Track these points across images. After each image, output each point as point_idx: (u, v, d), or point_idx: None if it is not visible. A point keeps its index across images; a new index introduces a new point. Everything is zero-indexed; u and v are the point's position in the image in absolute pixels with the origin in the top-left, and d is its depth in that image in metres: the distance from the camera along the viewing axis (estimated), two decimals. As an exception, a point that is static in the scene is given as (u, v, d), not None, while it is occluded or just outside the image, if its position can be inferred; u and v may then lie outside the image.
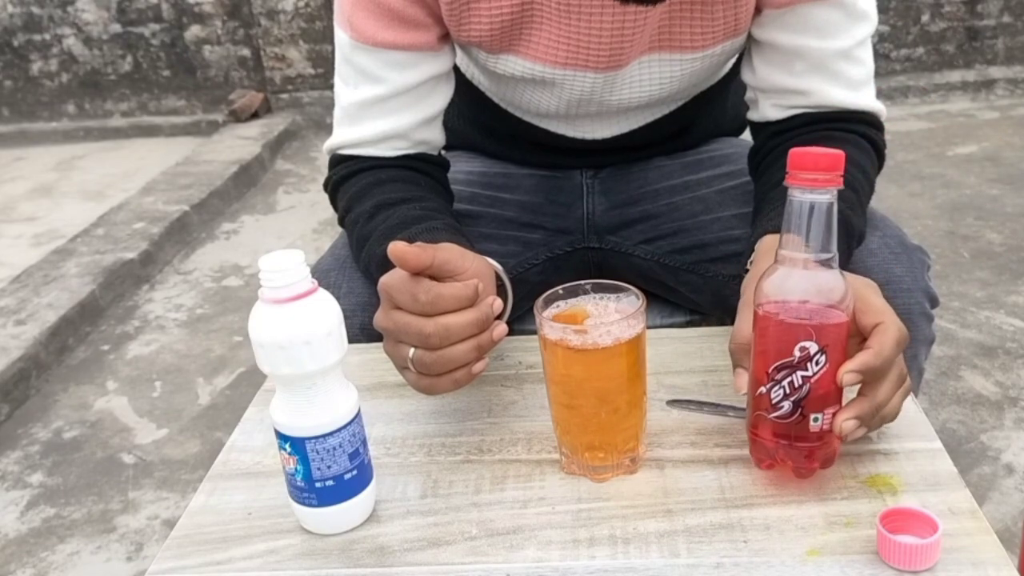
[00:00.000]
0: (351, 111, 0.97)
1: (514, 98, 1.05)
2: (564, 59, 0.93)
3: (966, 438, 1.79)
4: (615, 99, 0.99)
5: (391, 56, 0.92)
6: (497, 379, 0.87)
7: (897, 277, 0.91)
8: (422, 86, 0.95)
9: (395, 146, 0.98)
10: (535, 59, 0.94)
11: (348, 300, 0.95)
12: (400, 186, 0.96)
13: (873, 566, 0.60)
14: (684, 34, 0.92)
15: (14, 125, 4.89)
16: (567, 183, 1.14)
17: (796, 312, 0.64)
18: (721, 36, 0.93)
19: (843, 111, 0.94)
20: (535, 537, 0.66)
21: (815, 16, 0.90)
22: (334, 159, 1.02)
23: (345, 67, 0.96)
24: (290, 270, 0.62)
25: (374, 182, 0.97)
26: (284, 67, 4.66)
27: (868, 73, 0.95)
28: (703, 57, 0.95)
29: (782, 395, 0.65)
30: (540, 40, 0.92)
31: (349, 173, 0.99)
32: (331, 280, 0.97)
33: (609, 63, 0.93)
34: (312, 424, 0.65)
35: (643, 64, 0.95)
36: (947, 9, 4.39)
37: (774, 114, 0.98)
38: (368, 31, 0.91)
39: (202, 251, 3.19)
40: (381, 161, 0.98)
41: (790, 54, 0.93)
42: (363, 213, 0.94)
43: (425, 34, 0.92)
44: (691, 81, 1.00)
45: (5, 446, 2.07)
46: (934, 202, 3.03)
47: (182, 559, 0.68)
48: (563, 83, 0.96)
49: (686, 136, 1.15)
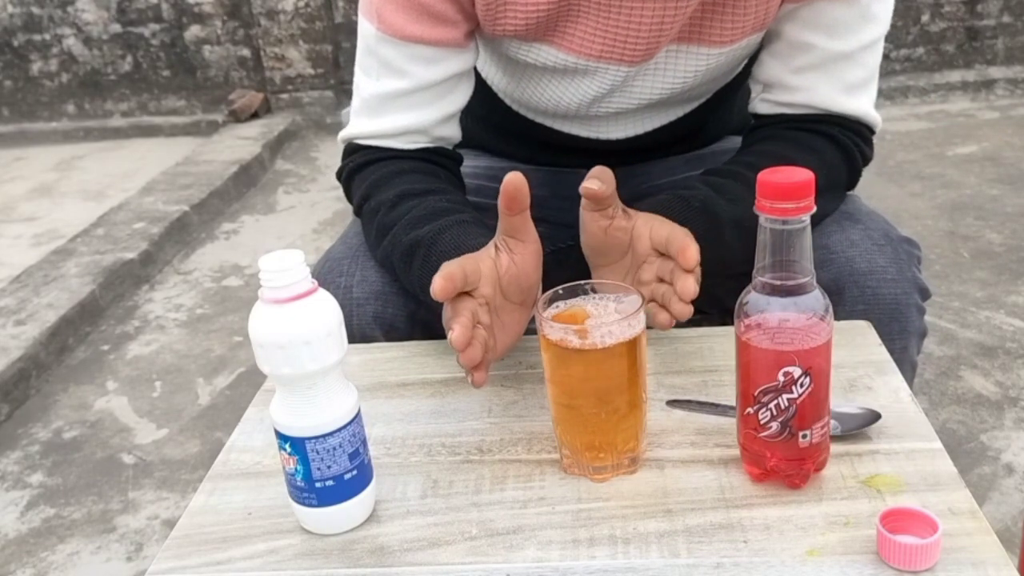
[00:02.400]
0: (372, 103, 0.96)
1: (532, 95, 1.04)
2: (599, 52, 0.92)
3: (966, 438, 1.79)
4: (636, 91, 0.99)
5: (417, 50, 0.92)
6: (497, 379, 0.87)
7: (881, 268, 0.90)
8: (446, 82, 0.95)
9: (414, 140, 0.98)
10: (569, 50, 0.93)
11: (361, 288, 0.94)
12: (422, 177, 0.96)
13: (873, 566, 0.60)
14: (714, 28, 0.92)
15: (14, 125, 4.88)
16: (572, 178, 1.14)
17: (778, 337, 0.64)
18: (749, 29, 0.92)
19: (823, 114, 0.94)
20: (535, 537, 0.66)
21: (829, 13, 0.89)
22: (349, 148, 1.01)
23: (368, 58, 0.95)
24: (290, 270, 0.62)
25: (396, 171, 0.96)
26: (284, 67, 4.66)
27: (868, 77, 0.94)
28: (728, 52, 0.95)
29: (769, 416, 0.65)
30: (576, 32, 0.91)
31: (367, 161, 0.98)
32: (344, 268, 0.96)
33: (644, 56, 0.92)
34: (312, 424, 0.65)
35: (670, 54, 0.94)
36: (947, 9, 4.39)
37: (761, 108, 0.98)
38: (397, 23, 0.90)
39: (202, 251, 3.19)
40: (400, 152, 0.98)
41: (795, 48, 0.92)
42: (385, 201, 0.93)
43: (454, 30, 0.91)
44: (711, 75, 1.00)
45: (5, 446, 2.07)
46: (934, 202, 3.03)
47: (182, 559, 0.67)
48: (594, 75, 0.96)
49: (695, 139, 1.15)
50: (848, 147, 0.94)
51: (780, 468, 0.67)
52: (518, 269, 0.79)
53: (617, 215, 0.84)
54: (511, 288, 0.79)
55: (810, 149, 0.92)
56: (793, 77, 0.94)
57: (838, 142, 0.94)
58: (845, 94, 0.93)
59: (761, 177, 0.62)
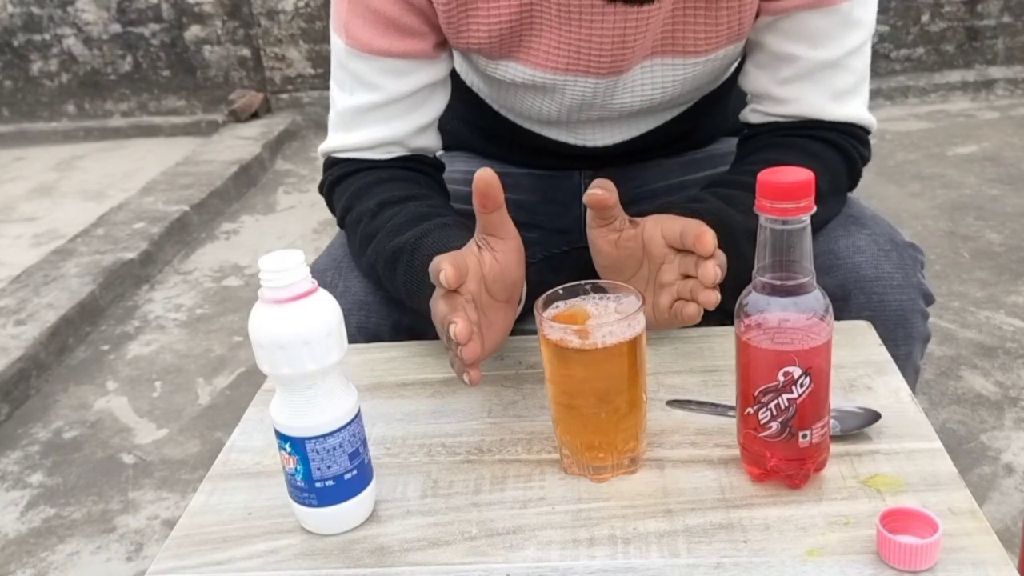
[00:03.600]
0: (346, 117, 0.97)
1: (514, 104, 1.04)
2: (565, 65, 0.92)
3: (966, 438, 1.79)
4: (616, 103, 0.99)
5: (387, 63, 0.92)
6: (497, 379, 0.87)
7: (887, 274, 0.90)
8: (418, 93, 0.95)
9: (390, 151, 0.98)
10: (536, 65, 0.93)
11: (344, 300, 0.94)
12: (401, 184, 0.96)
13: (873, 566, 0.60)
14: (688, 38, 0.92)
15: (14, 125, 4.88)
16: (565, 183, 1.14)
17: (778, 337, 0.64)
18: (724, 40, 0.92)
19: (815, 121, 0.94)
20: (535, 537, 0.66)
21: (809, 23, 0.89)
22: (329, 161, 1.01)
23: (341, 72, 0.95)
24: (290, 270, 0.62)
25: (374, 181, 0.96)
26: (284, 67, 4.66)
27: (857, 81, 0.93)
28: (706, 61, 0.95)
29: (769, 416, 0.65)
30: (540, 47, 0.92)
31: (345, 173, 0.99)
32: (327, 280, 0.97)
33: (611, 68, 0.92)
34: (312, 424, 0.65)
35: (645, 69, 0.95)
36: (947, 9, 4.39)
37: (752, 118, 0.98)
38: (364, 38, 0.91)
39: (202, 251, 3.19)
40: (377, 163, 0.98)
41: (779, 59, 0.92)
42: (366, 211, 0.94)
43: (421, 42, 0.92)
44: (693, 85, 1.00)
45: (5, 446, 2.07)
46: (934, 202, 3.03)
47: (182, 559, 0.68)
48: (564, 89, 0.96)
49: (686, 141, 1.15)
50: (846, 149, 0.94)
51: (780, 468, 0.67)
52: (501, 266, 0.78)
53: (625, 226, 0.83)
54: (496, 285, 0.78)
55: (810, 154, 0.92)
56: (780, 89, 0.93)
57: (836, 145, 0.94)
58: (835, 101, 0.93)
59: (761, 177, 0.62)
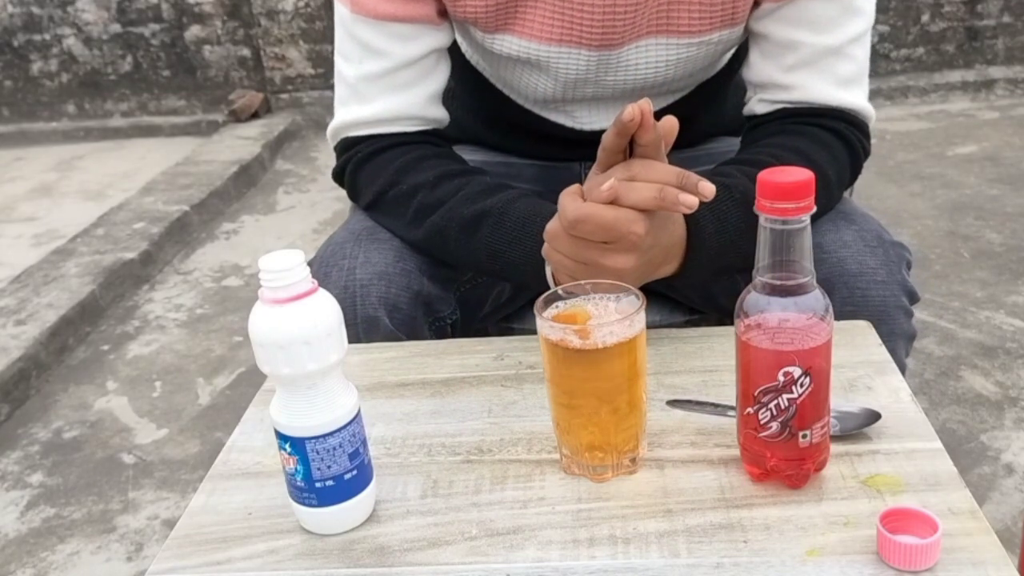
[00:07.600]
0: (358, 87, 0.97)
1: (511, 80, 1.06)
2: (559, 36, 0.94)
3: (966, 438, 1.79)
4: (611, 80, 1.00)
5: (393, 28, 0.94)
6: (497, 379, 0.87)
7: (871, 269, 0.91)
8: (426, 59, 0.96)
9: (412, 124, 0.99)
10: (531, 37, 0.95)
11: (365, 270, 0.94)
12: (451, 160, 0.98)
13: (873, 566, 0.60)
14: (682, 17, 0.94)
15: (14, 125, 4.88)
16: (566, 174, 1.15)
17: (778, 337, 0.64)
18: (719, 23, 0.94)
19: (823, 107, 0.95)
20: (535, 537, 0.66)
21: (811, 10, 0.91)
22: (347, 142, 1.01)
23: (347, 43, 0.96)
24: (290, 270, 0.62)
25: (420, 156, 0.97)
26: (284, 67, 4.66)
27: (859, 70, 0.95)
28: (699, 44, 0.96)
29: (769, 416, 0.65)
30: (535, 17, 0.93)
31: (376, 150, 0.99)
32: (347, 251, 0.96)
33: (602, 40, 0.94)
34: (312, 424, 0.65)
35: (640, 48, 0.96)
36: (947, 9, 4.39)
37: (759, 109, 0.99)
38: (369, 4, 0.92)
39: (202, 251, 3.19)
40: (408, 137, 0.99)
41: (783, 47, 0.94)
42: (423, 183, 0.94)
43: (424, 6, 0.94)
44: (687, 69, 1.01)
45: (5, 446, 2.07)
46: (934, 202, 3.03)
47: (182, 559, 0.68)
48: (558, 61, 0.97)
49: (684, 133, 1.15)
50: (852, 142, 0.95)
51: (780, 468, 0.67)
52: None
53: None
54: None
55: (821, 143, 0.93)
56: (785, 76, 0.95)
57: (843, 136, 0.95)
58: (839, 88, 0.94)
59: (761, 177, 0.62)
